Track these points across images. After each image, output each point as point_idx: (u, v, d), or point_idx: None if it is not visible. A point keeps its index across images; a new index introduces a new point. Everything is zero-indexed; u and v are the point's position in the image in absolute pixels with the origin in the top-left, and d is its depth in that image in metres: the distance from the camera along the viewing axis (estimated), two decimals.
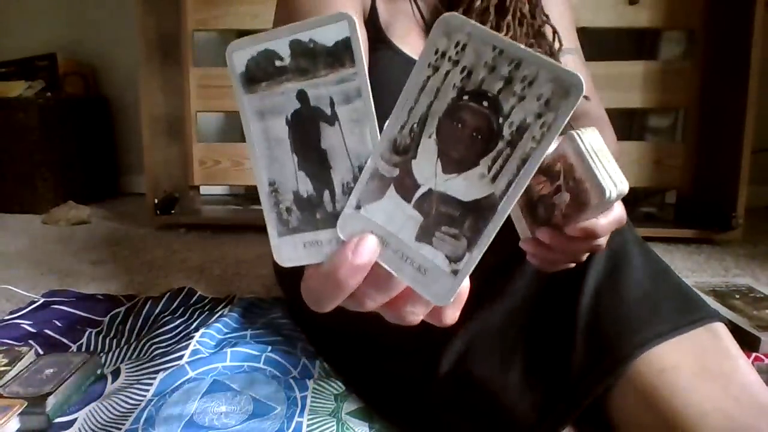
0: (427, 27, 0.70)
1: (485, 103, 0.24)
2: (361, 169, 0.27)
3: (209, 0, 1.74)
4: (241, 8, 1.71)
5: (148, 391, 0.65)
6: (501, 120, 0.24)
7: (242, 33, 1.96)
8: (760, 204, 1.95)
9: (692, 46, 1.71)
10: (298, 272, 0.30)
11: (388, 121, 0.27)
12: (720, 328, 0.49)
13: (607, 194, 0.36)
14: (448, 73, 0.25)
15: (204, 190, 2.00)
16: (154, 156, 1.70)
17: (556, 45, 0.70)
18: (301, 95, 0.28)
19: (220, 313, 0.89)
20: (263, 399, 0.64)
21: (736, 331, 0.73)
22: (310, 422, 0.60)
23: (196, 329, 0.81)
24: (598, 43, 1.45)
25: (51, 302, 0.99)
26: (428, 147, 0.26)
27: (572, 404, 0.47)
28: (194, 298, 1.03)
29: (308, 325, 0.84)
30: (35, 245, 1.53)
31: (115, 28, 2.32)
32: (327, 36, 0.27)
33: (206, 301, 1.02)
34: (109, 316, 0.94)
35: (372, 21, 0.68)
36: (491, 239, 0.25)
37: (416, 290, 0.26)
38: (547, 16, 0.71)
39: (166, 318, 0.89)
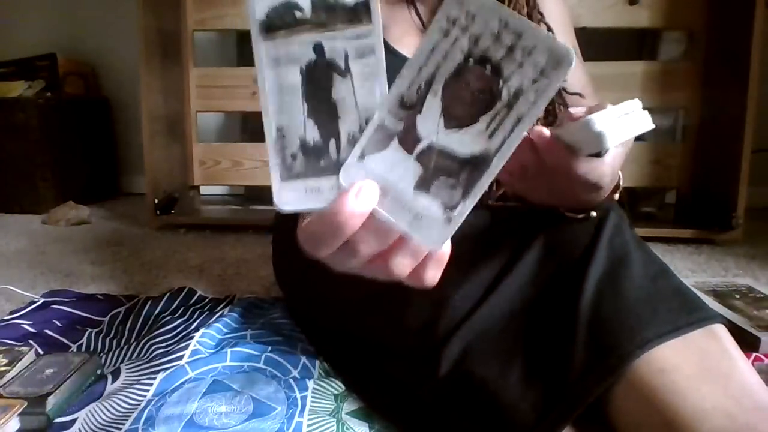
0: (425, 28, 0.70)
1: (488, 68, 0.27)
2: (367, 121, 0.29)
3: (209, 0, 1.74)
4: (241, 8, 1.71)
5: (148, 391, 0.65)
6: (501, 83, 0.27)
7: (242, 33, 1.96)
8: (760, 204, 1.95)
9: (692, 46, 1.71)
10: (298, 273, 0.30)
11: (397, 78, 0.28)
12: (720, 329, 0.49)
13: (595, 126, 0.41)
14: (457, 38, 0.27)
15: (204, 190, 2.00)
16: (154, 156, 1.70)
17: None
18: (318, 46, 0.29)
19: (220, 313, 0.89)
20: (263, 399, 0.64)
21: (736, 331, 0.73)
22: (310, 422, 0.60)
23: (196, 329, 0.81)
24: (598, 43, 1.45)
25: (51, 302, 0.99)
26: (433, 104, 0.28)
27: (572, 404, 0.47)
28: (194, 298, 1.03)
29: (308, 326, 0.84)
30: (35, 245, 1.53)
31: (115, 28, 2.31)
32: None
33: (206, 301, 1.02)
34: (109, 316, 0.94)
35: None
36: (484, 190, 0.27)
37: (412, 235, 0.28)
38: (542, 15, 0.71)
39: (166, 318, 0.89)
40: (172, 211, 1.74)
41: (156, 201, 1.70)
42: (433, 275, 0.30)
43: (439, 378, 0.54)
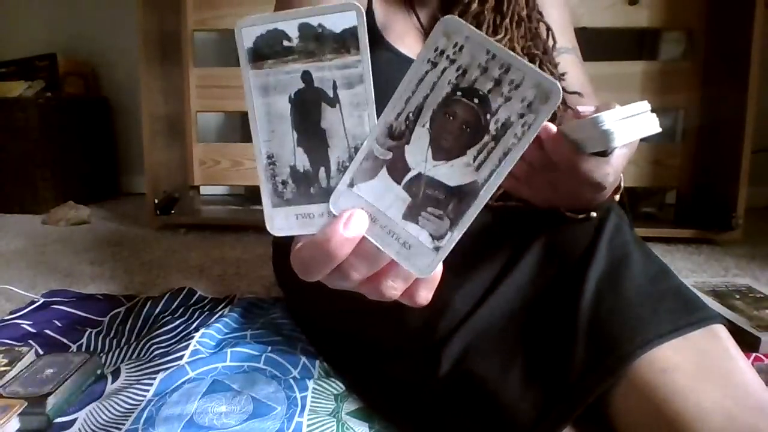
0: (425, 30, 0.70)
1: (476, 100, 0.27)
2: (356, 150, 0.30)
3: (209, 0, 1.74)
4: (241, 8, 1.71)
5: (148, 391, 0.65)
6: (488, 116, 0.27)
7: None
8: (760, 204, 1.95)
9: (692, 46, 1.71)
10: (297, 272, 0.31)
11: (386, 108, 0.29)
12: (720, 329, 0.49)
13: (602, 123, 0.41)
14: (445, 69, 0.28)
15: (204, 190, 2.00)
16: (154, 156, 1.70)
17: (550, 42, 0.70)
18: (306, 76, 0.30)
19: (220, 313, 0.89)
20: (263, 399, 0.64)
21: (736, 331, 0.73)
22: (310, 422, 0.60)
23: (196, 329, 0.81)
24: (598, 43, 1.45)
25: (51, 302, 0.99)
26: (421, 135, 0.29)
27: (572, 404, 0.47)
28: (194, 298, 1.03)
29: (308, 326, 0.84)
30: (35, 245, 1.53)
31: (115, 29, 2.31)
32: (335, 23, 0.29)
33: (206, 301, 1.02)
34: (109, 316, 0.94)
35: (368, 23, 0.68)
36: (471, 221, 0.28)
37: (400, 263, 0.29)
38: (541, 14, 0.71)
39: (166, 318, 0.89)
40: (172, 211, 1.74)
41: (156, 201, 1.70)
42: (425, 296, 0.31)
43: (439, 378, 0.54)
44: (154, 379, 0.67)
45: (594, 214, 0.56)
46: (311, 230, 0.30)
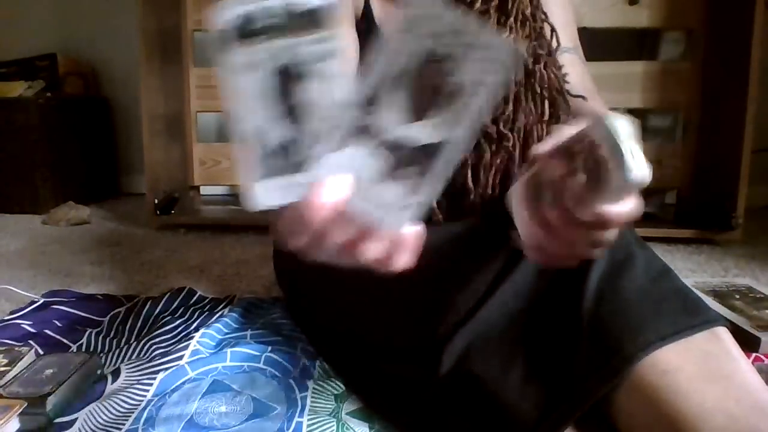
0: None
1: (441, 63, 0.29)
2: (333, 119, 0.31)
3: (209, 0, 1.74)
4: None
5: (148, 391, 0.65)
6: (456, 79, 0.29)
7: None
8: (760, 204, 1.95)
9: (692, 46, 1.71)
10: (298, 273, 0.31)
11: (358, 77, 0.30)
12: (722, 331, 0.49)
13: (632, 175, 0.34)
14: (410, 38, 0.29)
15: (204, 190, 2.00)
16: (154, 156, 1.70)
17: (554, 44, 0.70)
18: (289, 51, 0.31)
19: (220, 313, 0.89)
20: (263, 399, 0.64)
21: (736, 331, 0.73)
22: (310, 422, 0.60)
23: (196, 329, 0.81)
24: (598, 43, 1.45)
25: (51, 302, 0.99)
26: (397, 99, 0.30)
27: (574, 406, 0.47)
28: (194, 298, 1.03)
29: (308, 326, 0.84)
30: (35, 245, 1.53)
31: (115, 28, 2.31)
32: (313, 1, 0.30)
33: (206, 301, 1.02)
34: (109, 316, 0.94)
35: (367, 19, 0.67)
36: (443, 179, 0.30)
37: (378, 223, 0.31)
38: (545, 14, 0.71)
39: (166, 318, 0.89)
40: (172, 211, 1.74)
41: (156, 201, 1.70)
42: (404, 260, 0.32)
43: (440, 377, 0.54)
44: (154, 379, 0.67)
45: None
46: (294, 200, 0.31)
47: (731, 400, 0.43)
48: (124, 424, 0.59)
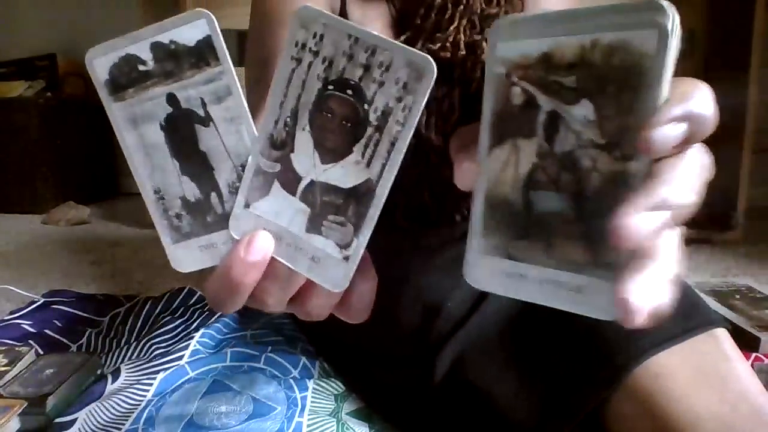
0: (395, 27, 0.62)
1: (349, 92, 0.25)
2: (243, 167, 0.28)
3: (209, 0, 1.74)
4: (241, 8, 1.71)
5: (148, 391, 0.65)
6: (366, 106, 0.25)
7: (242, 33, 1.96)
8: (760, 204, 1.95)
9: (692, 46, 1.71)
10: None
11: (262, 117, 0.27)
12: (720, 332, 0.48)
13: None
14: (311, 64, 0.26)
15: None
16: None
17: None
18: (171, 98, 0.27)
19: (219, 313, 0.89)
20: (263, 399, 0.64)
21: (736, 331, 0.73)
22: (310, 422, 0.60)
23: (196, 329, 0.81)
24: None
25: (51, 302, 0.99)
26: (304, 139, 0.26)
27: (569, 414, 0.47)
28: (194, 298, 1.03)
29: (307, 328, 0.84)
30: (35, 245, 1.53)
31: (115, 29, 2.30)
32: (187, 36, 0.27)
33: (206, 301, 1.02)
34: (109, 316, 0.94)
35: None
36: (375, 222, 0.26)
37: (313, 279, 0.27)
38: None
39: (166, 318, 0.89)
40: None
41: None
42: (361, 312, 0.29)
43: (434, 385, 0.54)
44: (154, 379, 0.67)
45: None
46: (218, 261, 0.28)
47: (725, 405, 0.42)
48: (124, 424, 0.59)
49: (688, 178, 0.23)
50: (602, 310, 0.24)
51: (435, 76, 0.23)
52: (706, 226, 1.58)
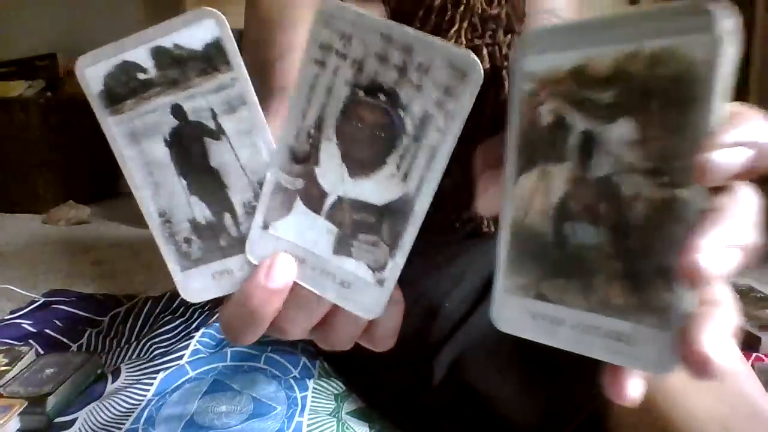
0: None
1: (382, 97, 0.22)
2: (261, 184, 0.25)
3: (209, 0, 1.74)
4: (241, 9, 1.71)
5: (148, 390, 0.65)
6: (402, 113, 0.22)
7: (242, 33, 1.95)
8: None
9: None
10: None
11: (281, 129, 0.24)
12: None
13: None
14: (337, 67, 0.23)
15: None
16: None
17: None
18: (176, 109, 0.24)
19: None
20: (263, 399, 0.64)
21: (736, 331, 0.73)
22: (311, 422, 0.60)
23: (197, 329, 0.80)
24: None
25: (51, 302, 0.99)
26: (330, 151, 0.23)
27: (570, 415, 0.47)
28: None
29: None
30: (35, 245, 1.53)
31: (115, 29, 2.31)
32: (193, 38, 0.24)
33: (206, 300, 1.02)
34: (109, 316, 0.94)
35: None
36: (413, 241, 0.23)
37: (343, 306, 0.24)
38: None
39: (166, 318, 0.89)
40: None
41: None
42: (387, 340, 0.27)
43: (434, 386, 0.54)
44: (155, 378, 0.67)
45: None
46: (234, 288, 0.25)
47: (724, 406, 0.42)
48: (124, 424, 0.59)
49: (750, 214, 0.20)
50: (653, 363, 0.20)
51: (482, 77, 0.21)
52: None
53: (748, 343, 0.76)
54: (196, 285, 0.26)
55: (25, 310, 0.96)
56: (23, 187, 2.01)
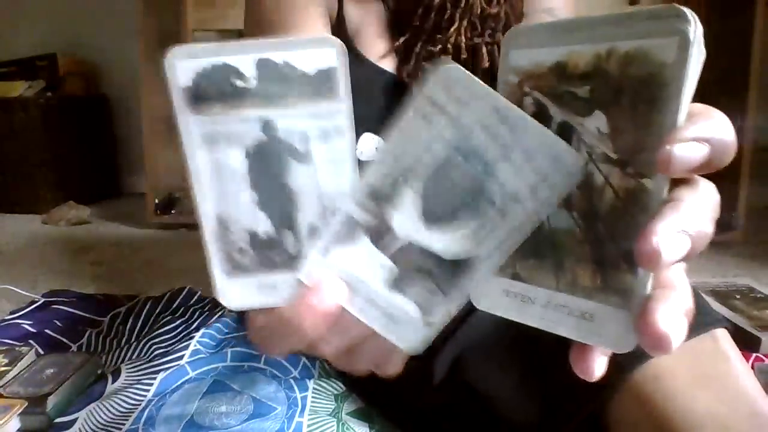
0: (391, 28, 0.62)
1: (479, 167, 0.23)
2: (332, 211, 0.25)
3: (209, 0, 1.74)
4: (240, 11, 1.71)
5: (148, 391, 0.65)
6: (494, 186, 0.23)
7: (241, 35, 1.96)
8: (760, 204, 1.95)
9: None
10: None
11: (369, 165, 0.24)
12: (719, 332, 0.47)
13: None
14: (442, 127, 0.23)
15: None
16: (154, 156, 1.70)
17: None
18: (268, 125, 0.24)
19: (220, 313, 0.89)
20: (263, 399, 0.64)
21: (736, 331, 0.73)
22: (311, 422, 0.60)
23: (197, 329, 0.81)
24: None
25: (51, 302, 0.99)
26: (411, 199, 0.24)
27: (569, 415, 0.47)
28: (194, 298, 1.03)
29: None
30: (35, 245, 1.53)
31: (116, 28, 2.31)
32: (307, 61, 0.24)
33: (206, 301, 1.02)
34: (109, 316, 0.94)
35: (340, 29, 0.62)
36: (467, 295, 0.24)
37: (386, 336, 0.25)
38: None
39: (166, 318, 0.89)
40: (172, 211, 1.74)
41: (156, 201, 1.70)
42: (396, 367, 0.29)
43: (433, 385, 0.54)
44: (155, 379, 0.67)
45: None
46: (275, 302, 0.26)
47: (724, 406, 0.42)
48: (124, 424, 0.59)
49: (707, 206, 0.21)
50: (614, 340, 0.22)
51: (580, 174, 0.22)
52: None
53: (748, 344, 0.76)
54: (238, 293, 0.27)
55: (25, 311, 0.96)
56: (23, 187, 2.01)
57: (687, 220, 0.20)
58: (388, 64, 0.59)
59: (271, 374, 0.70)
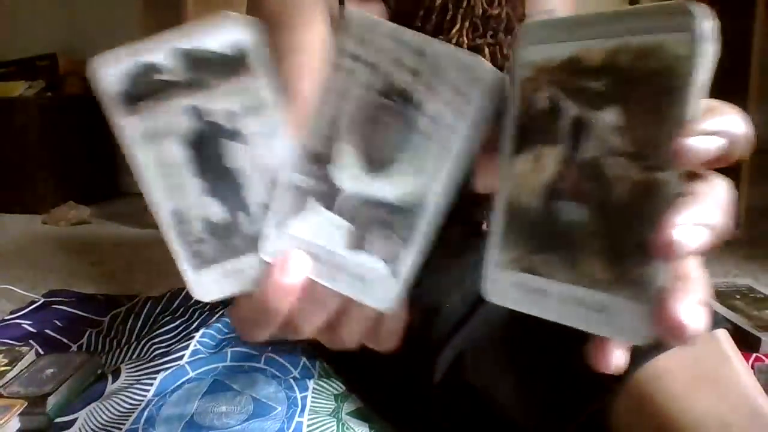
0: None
1: (396, 98, 0.23)
2: (275, 184, 0.25)
3: (209, 0, 1.74)
4: (241, 9, 1.71)
5: (148, 391, 0.65)
6: (414, 113, 0.23)
7: None
8: (760, 204, 1.95)
9: None
10: None
11: (303, 131, 0.25)
12: (720, 333, 0.48)
13: None
14: (354, 71, 0.24)
15: None
16: None
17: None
18: (195, 111, 0.25)
19: (220, 312, 0.89)
20: (263, 399, 0.64)
21: (736, 331, 0.73)
22: (311, 422, 0.60)
23: (197, 329, 0.81)
24: None
25: (51, 302, 0.99)
26: (345, 151, 0.24)
27: (570, 415, 0.47)
28: (194, 299, 1.03)
29: None
30: (35, 245, 1.53)
31: (116, 28, 2.31)
32: (218, 41, 0.24)
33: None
34: (109, 316, 0.94)
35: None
36: (428, 237, 0.24)
37: (357, 299, 0.25)
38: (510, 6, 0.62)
39: (166, 318, 0.89)
40: None
41: None
42: (391, 338, 0.28)
43: (434, 385, 0.54)
44: (155, 379, 0.67)
45: None
46: (246, 287, 0.26)
47: (725, 406, 0.42)
48: (124, 424, 0.59)
49: (720, 200, 0.21)
50: (629, 332, 0.21)
51: (492, 79, 0.22)
52: None
53: (748, 344, 0.76)
54: (208, 284, 0.27)
55: (25, 311, 0.96)
56: (23, 187, 2.01)
57: (704, 212, 0.20)
58: None
59: (271, 374, 0.70)
